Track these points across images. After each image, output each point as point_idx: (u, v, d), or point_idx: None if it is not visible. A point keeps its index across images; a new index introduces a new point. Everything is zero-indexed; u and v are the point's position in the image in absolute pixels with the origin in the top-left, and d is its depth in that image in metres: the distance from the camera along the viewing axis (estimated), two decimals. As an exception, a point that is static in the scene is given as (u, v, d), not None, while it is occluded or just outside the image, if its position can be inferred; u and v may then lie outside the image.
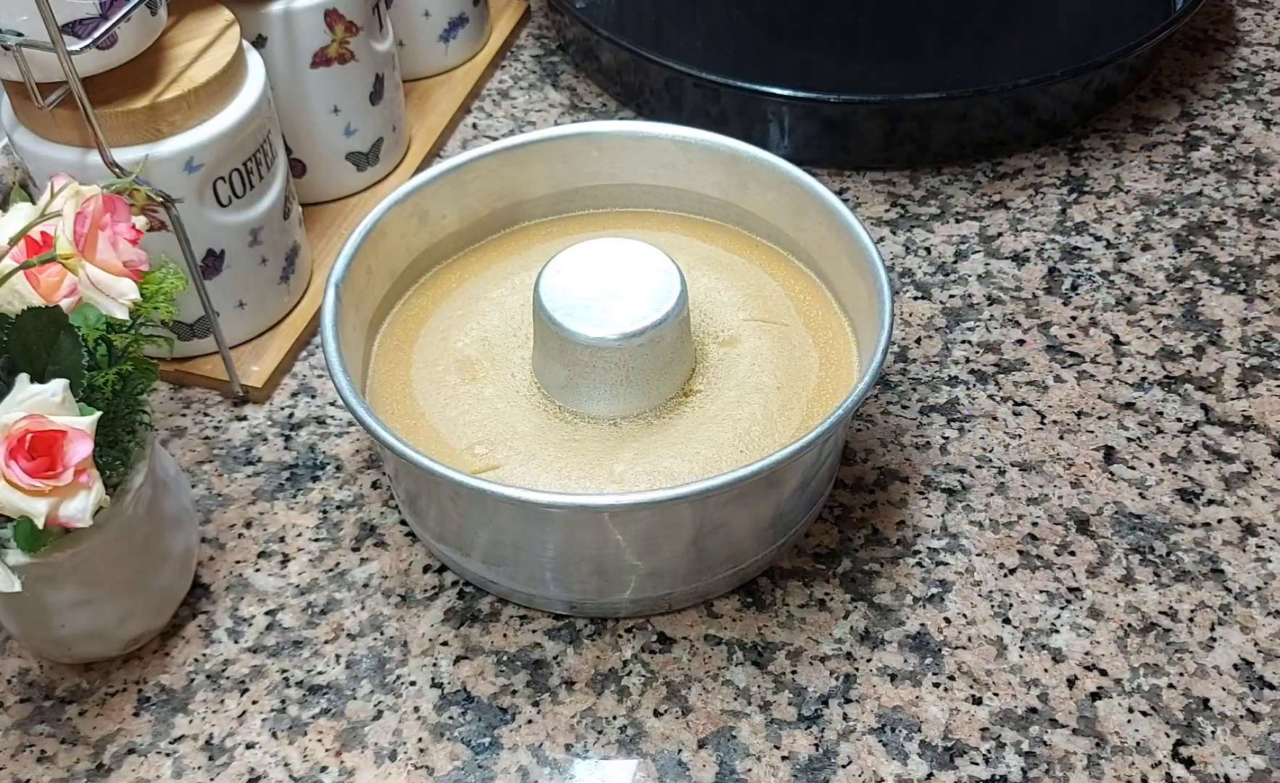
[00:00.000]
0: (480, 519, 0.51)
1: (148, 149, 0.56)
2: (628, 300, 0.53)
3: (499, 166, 0.62)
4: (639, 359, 0.53)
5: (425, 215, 0.60)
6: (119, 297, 0.45)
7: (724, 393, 0.55)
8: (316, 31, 0.67)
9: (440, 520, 0.53)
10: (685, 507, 0.48)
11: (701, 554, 0.51)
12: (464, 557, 0.53)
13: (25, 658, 0.53)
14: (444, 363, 0.57)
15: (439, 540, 0.54)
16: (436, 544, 0.55)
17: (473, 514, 0.51)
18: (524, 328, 0.57)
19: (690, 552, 0.51)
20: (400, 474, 0.54)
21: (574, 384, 0.53)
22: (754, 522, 0.51)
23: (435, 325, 0.59)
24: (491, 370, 0.56)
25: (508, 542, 0.51)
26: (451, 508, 0.51)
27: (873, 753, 0.49)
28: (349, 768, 0.49)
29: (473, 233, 0.63)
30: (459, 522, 0.52)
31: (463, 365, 0.57)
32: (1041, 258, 0.69)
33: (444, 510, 0.52)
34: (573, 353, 0.52)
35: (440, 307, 0.60)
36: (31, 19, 0.50)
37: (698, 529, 0.50)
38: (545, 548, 0.51)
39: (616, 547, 0.50)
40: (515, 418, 0.54)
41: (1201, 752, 0.48)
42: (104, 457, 0.46)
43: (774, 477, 0.48)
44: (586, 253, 0.55)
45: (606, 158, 0.63)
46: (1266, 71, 0.82)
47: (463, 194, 0.61)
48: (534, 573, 0.52)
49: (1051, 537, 0.56)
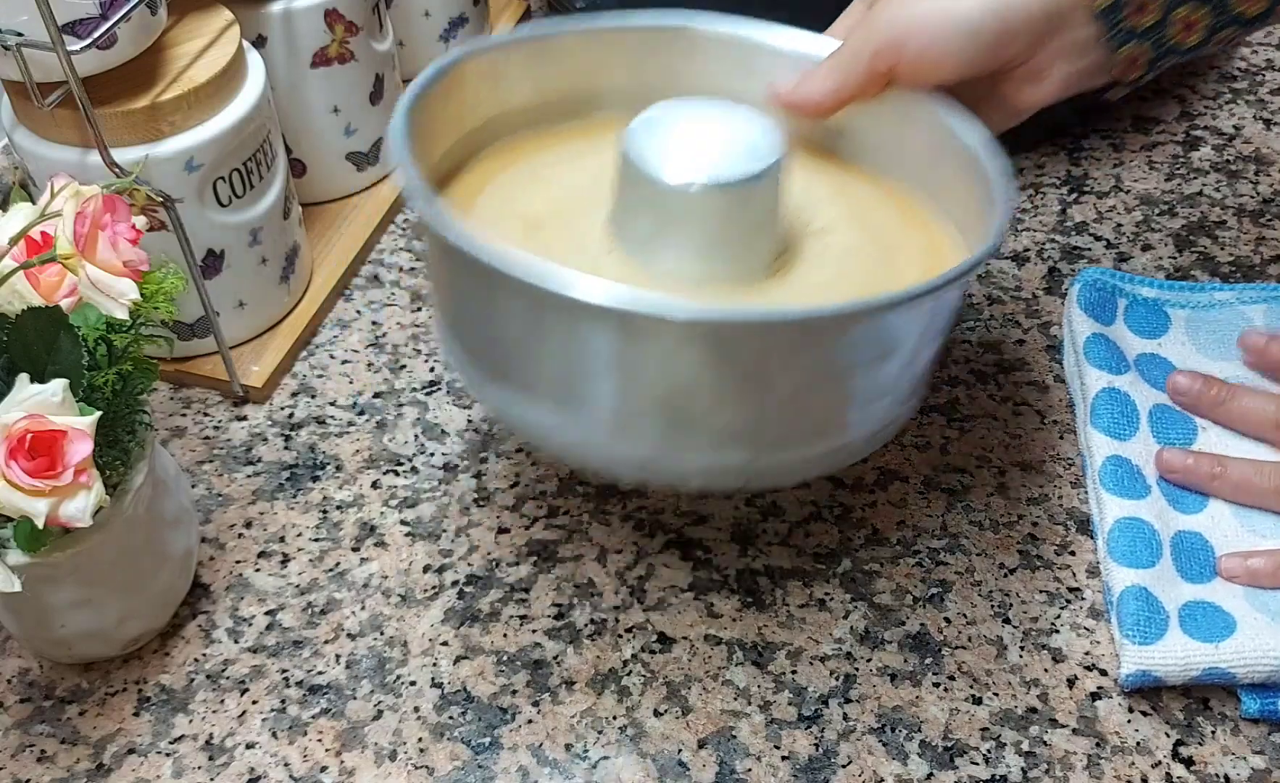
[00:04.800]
0: (557, 346, 0.45)
1: (148, 149, 0.56)
2: (723, 152, 0.48)
3: (583, 46, 0.57)
4: (732, 214, 0.48)
5: (499, 79, 0.56)
6: (119, 297, 0.45)
7: (817, 273, 0.50)
8: (316, 31, 0.67)
9: (504, 352, 0.47)
10: (810, 334, 0.43)
11: (798, 415, 0.46)
12: (526, 396, 0.47)
13: (25, 658, 0.53)
14: (508, 220, 0.52)
15: (495, 378, 0.48)
16: (489, 387, 0.49)
17: (554, 336, 0.45)
18: (598, 196, 0.52)
19: (787, 410, 0.45)
20: (460, 297, 0.48)
21: (658, 238, 0.48)
22: (855, 391, 0.47)
23: (497, 189, 0.55)
24: (560, 229, 0.51)
25: (586, 371, 0.45)
26: (524, 331, 0.45)
27: (873, 753, 0.49)
28: (349, 768, 0.49)
29: (543, 112, 0.58)
30: (531, 348, 0.46)
31: (528, 222, 0.52)
32: (1041, 258, 0.69)
33: (511, 337, 0.46)
34: (660, 201, 0.48)
35: (505, 172, 0.55)
36: (31, 19, 0.50)
37: (800, 380, 0.45)
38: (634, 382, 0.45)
39: (714, 381, 0.44)
40: (587, 271, 0.47)
41: (1201, 752, 0.48)
42: (104, 457, 0.46)
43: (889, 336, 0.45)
44: (683, 106, 0.50)
45: (700, 59, 0.57)
46: (1266, 71, 0.82)
47: (541, 66, 0.57)
48: (604, 419, 0.46)
49: (1051, 537, 0.56)
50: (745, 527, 0.56)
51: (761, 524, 0.57)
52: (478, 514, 0.58)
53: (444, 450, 0.61)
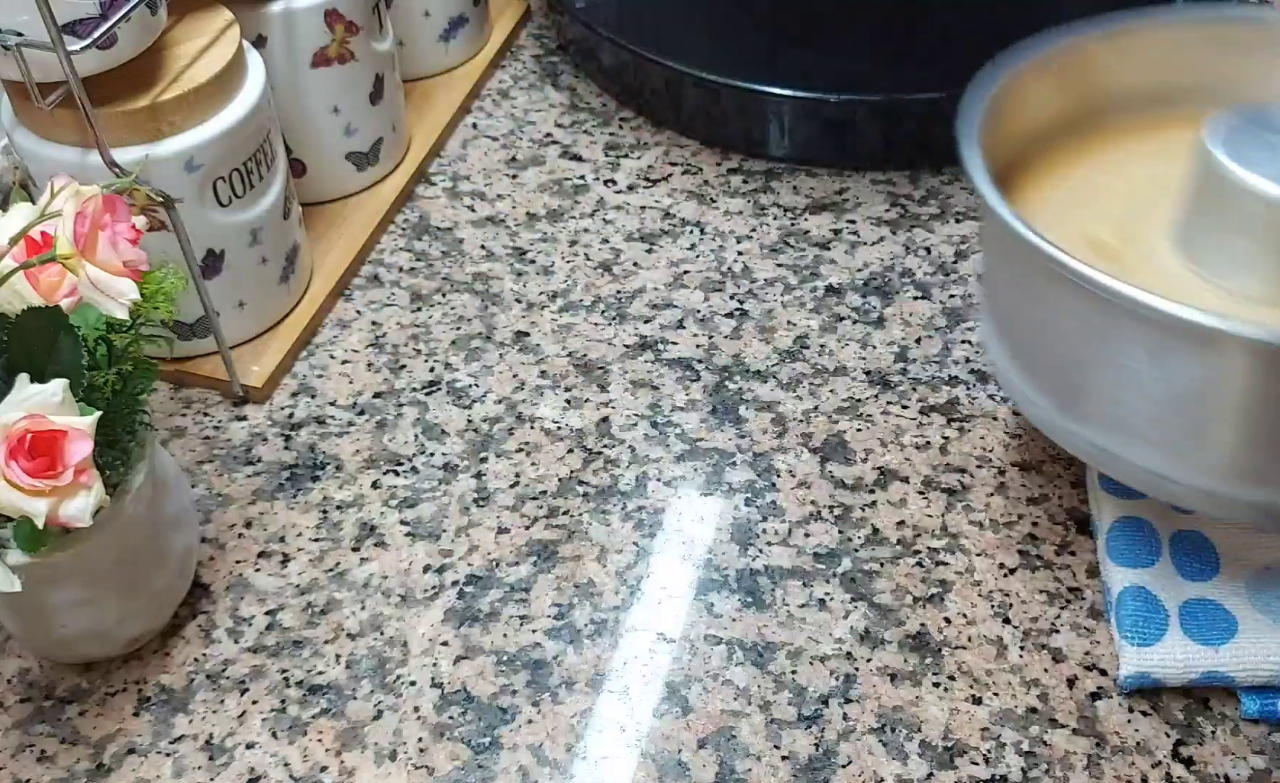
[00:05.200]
0: (1179, 381, 0.41)
1: (148, 149, 0.56)
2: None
3: (1154, 40, 0.54)
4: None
5: (1063, 76, 0.54)
6: (119, 297, 0.45)
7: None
8: (316, 31, 0.67)
9: (1082, 386, 0.44)
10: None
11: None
12: (1119, 435, 0.44)
13: (25, 658, 0.53)
14: (1070, 241, 0.47)
15: (1075, 414, 0.45)
16: (1051, 413, 0.46)
17: (1177, 370, 0.41)
18: (1159, 211, 0.49)
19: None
20: (1039, 324, 0.45)
21: (1259, 260, 0.44)
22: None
23: (1058, 196, 0.52)
24: (1126, 252, 0.48)
25: (1214, 411, 0.41)
26: (1130, 362, 0.42)
27: (873, 753, 0.49)
28: (349, 768, 0.49)
29: (1100, 110, 0.55)
30: (1134, 382, 0.42)
31: (1094, 246, 0.49)
32: (1041, 258, 0.69)
33: (1108, 369, 0.43)
34: (1265, 216, 0.43)
35: (1047, 192, 0.53)
36: (31, 19, 0.50)
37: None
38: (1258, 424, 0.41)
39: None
40: (1166, 292, 0.44)
41: (1201, 752, 0.48)
42: (104, 457, 0.46)
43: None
44: (1270, 110, 0.46)
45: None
46: (1266, 71, 0.82)
47: (1104, 62, 0.54)
48: (1227, 461, 0.42)
49: (1051, 537, 0.56)
50: (745, 527, 0.57)
51: (761, 524, 0.57)
52: (478, 514, 0.58)
53: (444, 450, 0.61)
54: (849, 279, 0.69)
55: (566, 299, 0.68)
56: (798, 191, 0.75)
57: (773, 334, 0.66)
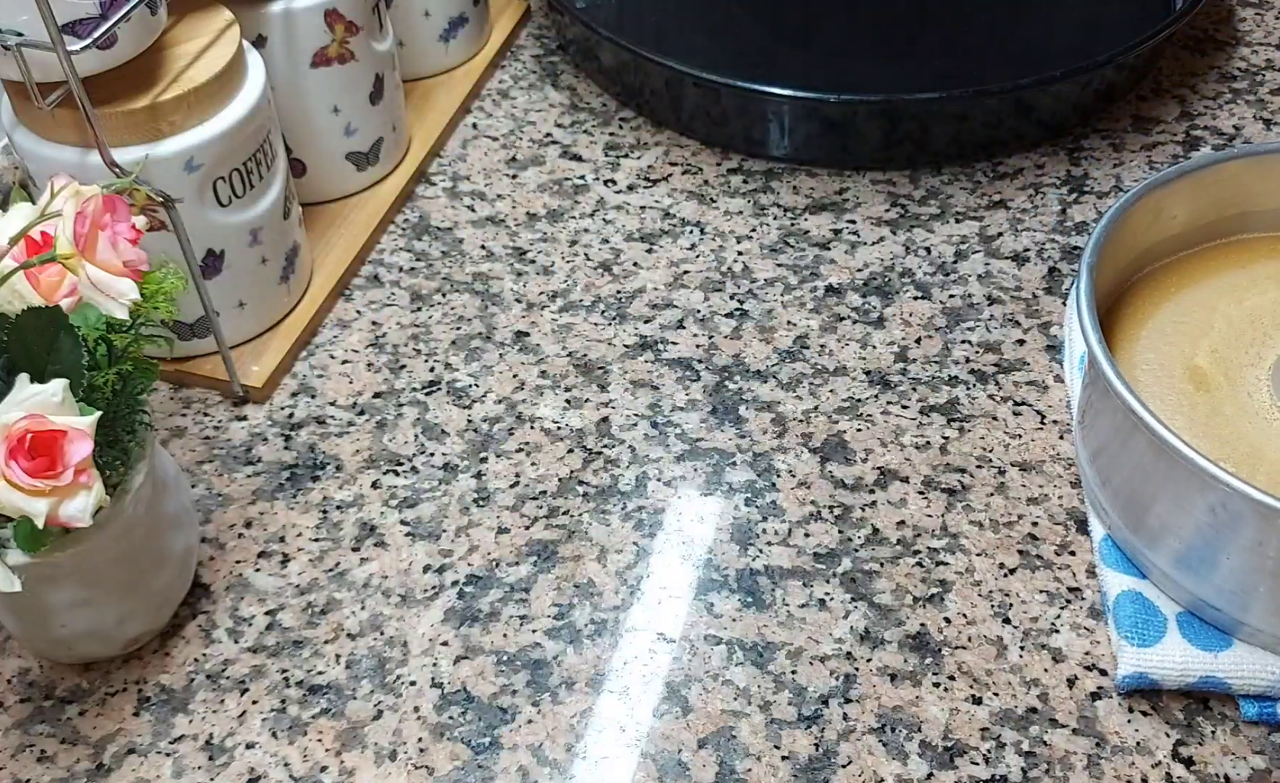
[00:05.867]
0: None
1: (148, 149, 0.56)
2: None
3: (1243, 172, 0.58)
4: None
5: (1159, 213, 0.57)
6: (119, 297, 0.45)
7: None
8: (316, 31, 0.67)
9: (1211, 562, 0.47)
10: None
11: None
12: (1235, 605, 0.48)
13: (25, 658, 0.53)
14: (1173, 370, 0.53)
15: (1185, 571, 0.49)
16: (1171, 571, 0.49)
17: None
18: (1255, 345, 0.54)
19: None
20: (1168, 491, 0.48)
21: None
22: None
23: (1156, 328, 0.56)
24: (1225, 385, 0.52)
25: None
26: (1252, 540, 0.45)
27: (873, 753, 0.49)
28: (349, 768, 0.49)
29: (1193, 237, 0.59)
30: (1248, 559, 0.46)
31: (1194, 375, 0.53)
32: (1041, 258, 0.69)
33: (1235, 555, 0.46)
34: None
35: (1160, 310, 0.57)
36: (31, 19, 0.50)
37: None
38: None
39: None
40: (1261, 441, 0.50)
41: (1201, 752, 0.48)
42: (104, 457, 0.46)
43: None
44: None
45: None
46: (1266, 71, 0.82)
47: (1199, 196, 0.58)
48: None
49: (1051, 537, 0.56)
50: (745, 527, 0.57)
51: (761, 524, 0.57)
52: (478, 514, 0.58)
53: (444, 450, 0.61)
54: (849, 279, 0.69)
55: (566, 299, 0.68)
56: (798, 192, 0.75)
57: (773, 334, 0.66)
